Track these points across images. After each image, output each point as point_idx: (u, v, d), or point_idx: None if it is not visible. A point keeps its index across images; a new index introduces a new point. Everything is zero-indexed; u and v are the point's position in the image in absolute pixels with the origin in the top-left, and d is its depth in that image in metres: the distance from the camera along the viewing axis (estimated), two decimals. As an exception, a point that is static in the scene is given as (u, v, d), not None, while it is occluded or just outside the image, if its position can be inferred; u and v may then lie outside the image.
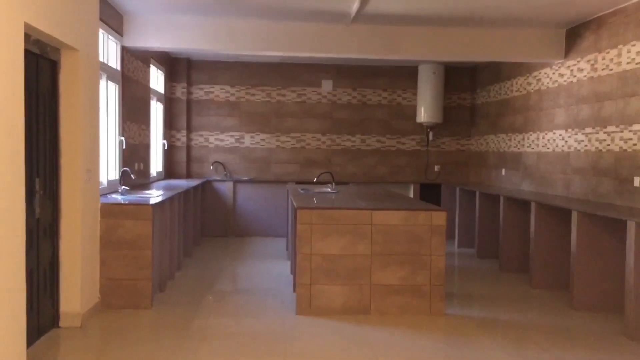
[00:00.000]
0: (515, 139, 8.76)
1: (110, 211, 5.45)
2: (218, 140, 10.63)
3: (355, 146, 10.77)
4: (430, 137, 10.70)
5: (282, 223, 10.17)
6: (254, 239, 10.01)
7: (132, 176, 6.53)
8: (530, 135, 8.24)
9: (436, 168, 10.80)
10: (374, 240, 5.36)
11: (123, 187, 6.42)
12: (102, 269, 5.47)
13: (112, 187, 6.55)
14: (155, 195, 6.36)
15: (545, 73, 7.83)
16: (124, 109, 7.16)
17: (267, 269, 7.57)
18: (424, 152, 10.80)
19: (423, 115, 10.41)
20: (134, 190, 6.70)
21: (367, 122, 10.76)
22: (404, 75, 10.73)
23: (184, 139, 10.48)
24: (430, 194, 10.24)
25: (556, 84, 7.52)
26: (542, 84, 7.91)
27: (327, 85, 10.69)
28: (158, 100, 9.48)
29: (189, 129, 10.56)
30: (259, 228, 10.20)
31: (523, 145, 8.48)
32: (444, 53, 7.46)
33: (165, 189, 7.40)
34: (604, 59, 6.42)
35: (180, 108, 10.46)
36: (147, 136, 8.55)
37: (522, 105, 8.53)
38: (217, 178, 10.42)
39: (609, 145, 6.28)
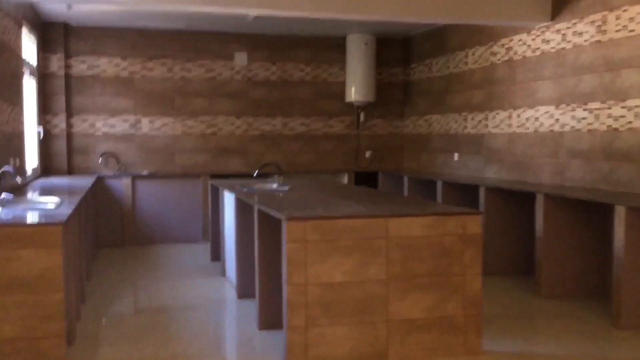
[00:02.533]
0: (473, 119, 7.63)
1: (-8, 237, 3.50)
2: (107, 126, 8.56)
3: (275, 130, 9.16)
4: (362, 119, 9.35)
5: (195, 225, 8.36)
6: (162, 246, 8.13)
7: (18, 178, 4.49)
8: (498, 114, 7.12)
9: (367, 154, 9.48)
10: (390, 258, 3.88)
11: (3, 194, 4.40)
12: (-16, 327, 3.53)
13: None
14: (53, 205, 4.43)
15: (520, 40, 6.71)
16: (-6, 83, 5.09)
17: (202, 293, 5.84)
18: (353, 135, 9.43)
19: (353, 93, 9.03)
20: (17, 197, 4.68)
21: (288, 102, 9.18)
22: (330, 47, 9.26)
23: (62, 125, 8.30)
24: (366, 185, 8.90)
25: (537, 52, 6.42)
26: (515, 53, 6.79)
27: (240, 59, 8.96)
28: (31, 74, 7.28)
29: (69, 113, 8.39)
30: (167, 233, 8.33)
31: (486, 126, 7.35)
32: (401, 12, 6.04)
33: (54, 191, 5.42)
34: (618, 18, 5.35)
35: (56, 86, 8.26)
36: (21, 121, 6.41)
37: (484, 79, 7.39)
38: (109, 174, 8.38)
39: (630, 122, 5.24)
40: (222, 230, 6.36)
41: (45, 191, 5.72)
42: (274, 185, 6.05)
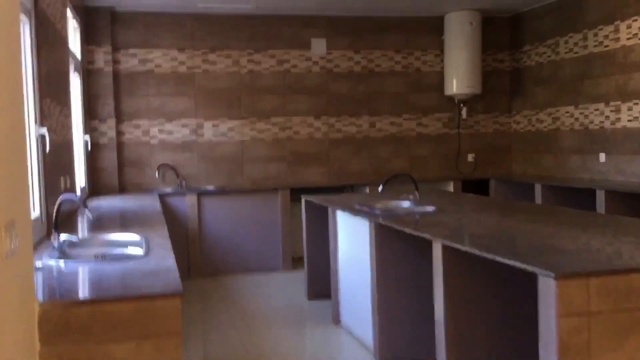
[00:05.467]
0: (631, 109, 6.03)
1: (70, 323, 2.00)
2: (164, 132, 7.09)
3: (361, 132, 7.63)
4: (463, 115, 7.78)
5: (273, 251, 6.85)
6: (235, 278, 6.62)
7: (87, 214, 2.96)
8: (673, 101, 5.53)
9: (470, 157, 7.91)
10: None
11: (63, 237, 2.90)
12: None
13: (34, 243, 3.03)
14: (137, 249, 2.93)
15: None
16: (41, 74, 3.61)
17: (312, 353, 4.32)
18: (453, 135, 7.87)
19: (455, 84, 7.47)
20: (79, 237, 3.18)
21: (376, 97, 7.65)
22: (424, 29, 7.71)
23: (111, 133, 6.84)
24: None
25: None
26: None
27: (318, 46, 7.45)
28: (75, 70, 5.82)
29: (119, 118, 6.93)
30: (241, 261, 6.81)
31: (653, 117, 5.77)
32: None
33: (122, 221, 3.94)
34: None
35: (103, 85, 6.80)
36: (69, 128, 4.94)
37: (645, 59, 5.81)
38: (167, 190, 6.90)
39: None
40: (335, 262, 4.83)
41: (106, 221, 4.24)
42: (406, 204, 4.52)
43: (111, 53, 6.79)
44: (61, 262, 2.63)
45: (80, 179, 5.88)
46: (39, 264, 2.57)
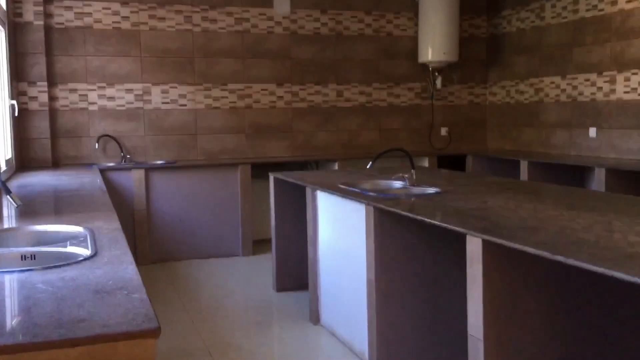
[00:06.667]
0: (628, 80, 5.54)
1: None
2: (104, 98, 6.18)
3: (327, 102, 6.91)
4: (438, 85, 7.17)
5: (231, 234, 6.10)
6: (189, 264, 5.85)
7: (10, 198, 2.10)
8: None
9: (443, 131, 7.32)
10: None
11: None
12: None
13: None
14: (82, 249, 2.16)
15: None
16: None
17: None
18: (426, 107, 7.25)
19: (430, 51, 6.84)
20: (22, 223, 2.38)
21: (344, 63, 6.93)
22: (397, -11, 7.02)
23: (43, 98, 5.89)
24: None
25: None
26: None
27: (282, 5, 6.65)
28: (-3, 21, 4.86)
29: (52, 80, 5.98)
30: (194, 245, 6.04)
31: (653, 88, 5.29)
32: None
33: (57, 205, 3.13)
34: None
35: (33, 41, 5.82)
36: (-10, 90, 4.03)
37: (647, 25, 5.30)
38: (111, 164, 6.03)
39: None
40: (314, 251, 4.13)
41: (36, 205, 3.41)
42: (398, 184, 3.87)
43: (42, 4, 5.80)
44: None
45: (5, 151, 4.96)
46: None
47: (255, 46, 6.58)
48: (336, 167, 6.37)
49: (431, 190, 3.59)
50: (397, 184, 3.94)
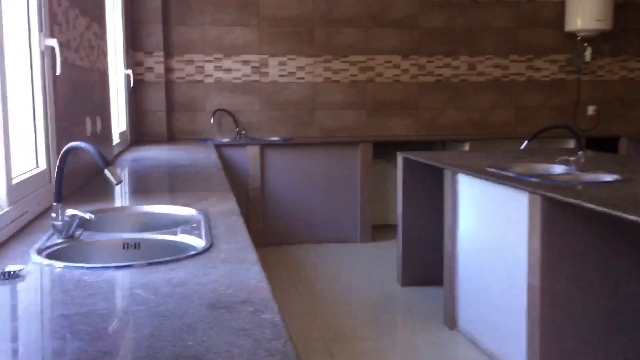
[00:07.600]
0: None
1: None
2: (221, 70, 5.86)
3: (457, 75, 6.24)
4: (587, 58, 6.29)
5: (349, 218, 5.62)
6: (303, 248, 5.43)
7: (109, 174, 1.74)
8: None
9: (591, 110, 6.45)
10: None
11: (69, 213, 1.72)
12: None
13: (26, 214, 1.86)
14: (197, 239, 1.73)
15: None
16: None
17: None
18: (571, 82, 6.40)
19: (579, 17, 5.98)
20: (105, 209, 2.00)
21: (477, 33, 6.22)
22: (542, -52, 6.20)
23: (159, 69, 5.65)
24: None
25: None
26: None
27: (411, -32, 6.03)
28: (113, -16, 4.60)
29: (168, 51, 5.72)
30: (310, 228, 5.62)
31: None
32: None
33: (173, 186, 2.75)
34: None
35: (150, 9, 5.57)
36: (104, 53, 3.74)
37: None
38: (225, 140, 5.71)
39: None
40: (452, 244, 3.55)
41: (148, 181, 3.07)
42: (560, 169, 3.20)
43: (159, -30, 5.54)
44: (58, 266, 1.45)
45: (120, 124, 4.73)
46: (14, 267, 1.39)
47: (380, 14, 6.01)
48: (466, 148, 5.71)
49: (608, 177, 2.91)
50: (559, 168, 3.28)
